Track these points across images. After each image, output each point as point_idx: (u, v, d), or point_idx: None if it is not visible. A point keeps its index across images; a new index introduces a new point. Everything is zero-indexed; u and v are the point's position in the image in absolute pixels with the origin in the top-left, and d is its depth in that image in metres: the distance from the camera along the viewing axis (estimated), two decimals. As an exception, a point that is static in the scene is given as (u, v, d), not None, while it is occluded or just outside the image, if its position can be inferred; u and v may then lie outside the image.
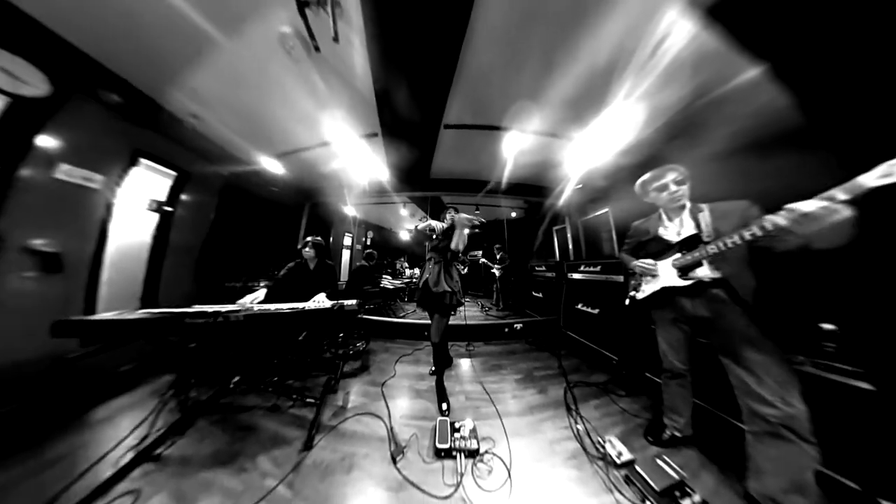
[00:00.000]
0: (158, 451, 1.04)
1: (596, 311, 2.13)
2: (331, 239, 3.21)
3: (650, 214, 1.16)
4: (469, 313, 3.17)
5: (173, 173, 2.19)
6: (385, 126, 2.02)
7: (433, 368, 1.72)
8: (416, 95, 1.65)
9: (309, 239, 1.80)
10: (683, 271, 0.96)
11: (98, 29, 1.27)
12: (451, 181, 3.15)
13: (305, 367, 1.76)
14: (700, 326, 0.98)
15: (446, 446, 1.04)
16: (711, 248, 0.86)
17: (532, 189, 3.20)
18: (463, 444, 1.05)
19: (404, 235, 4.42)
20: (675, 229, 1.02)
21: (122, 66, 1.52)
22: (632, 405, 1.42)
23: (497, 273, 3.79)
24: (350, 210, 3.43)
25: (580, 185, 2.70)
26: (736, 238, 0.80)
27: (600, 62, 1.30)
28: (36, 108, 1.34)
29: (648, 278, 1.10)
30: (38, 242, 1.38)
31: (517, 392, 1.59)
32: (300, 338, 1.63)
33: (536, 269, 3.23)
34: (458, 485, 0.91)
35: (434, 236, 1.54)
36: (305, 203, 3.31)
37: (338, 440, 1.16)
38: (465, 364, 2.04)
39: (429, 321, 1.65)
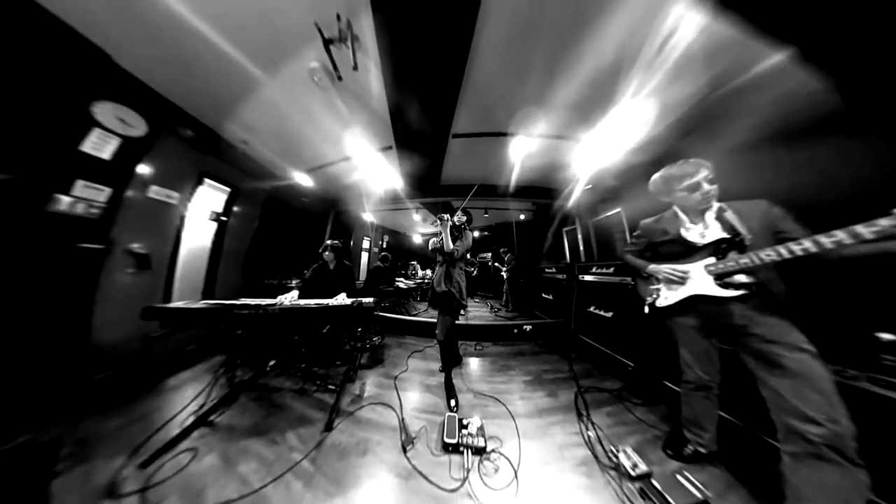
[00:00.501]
0: (211, 418, 1.20)
1: (609, 314, 1.98)
2: (351, 242, 3.45)
3: (662, 213, 1.05)
4: (478, 313, 3.14)
5: (228, 189, 2.55)
6: (398, 139, 2.13)
7: (440, 367, 1.72)
8: (425, 110, 1.74)
9: (328, 242, 1.94)
10: (722, 279, 0.84)
11: (178, 79, 1.58)
12: (461, 186, 3.19)
13: (328, 357, 1.88)
14: (730, 335, 0.86)
15: (454, 441, 1.03)
16: (766, 256, 0.72)
17: (540, 191, 3.11)
18: (470, 440, 1.04)
19: (417, 239, 4.56)
20: (697, 231, 0.91)
21: (194, 107, 1.85)
22: (648, 415, 1.29)
23: (505, 275, 3.70)
24: (368, 216, 3.65)
25: (590, 186, 2.56)
26: (799, 248, 0.65)
27: (605, 63, 1.26)
28: (137, 145, 1.69)
29: (674, 285, 0.97)
30: (135, 246, 1.72)
31: (525, 394, 1.52)
32: (324, 330, 1.76)
33: (546, 270, 3.09)
34: (464, 480, 0.90)
35: (432, 250, 1.62)
36: (330, 211, 3.59)
37: (354, 425, 1.21)
38: (473, 363, 2.01)
39: (434, 320, 1.68)
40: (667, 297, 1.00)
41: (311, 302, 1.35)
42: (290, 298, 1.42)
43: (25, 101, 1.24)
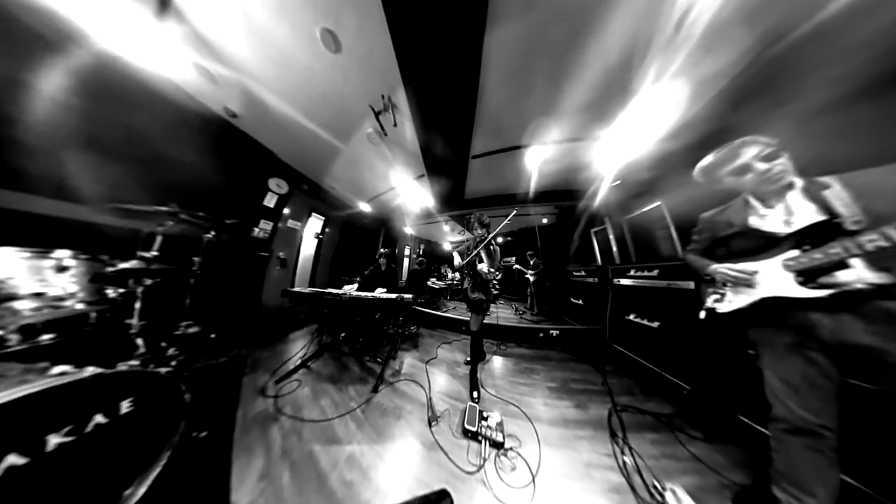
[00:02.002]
0: (309, 364, 1.63)
1: (655, 324, 1.50)
2: (396, 250, 4.10)
3: (730, 202, 0.76)
4: (502, 315, 2.93)
5: (323, 218, 3.55)
6: (428, 169, 2.45)
7: (468, 359, 1.65)
8: (447, 143, 1.98)
9: (381, 251, 2.38)
10: (808, 276, 0.58)
11: (300, 156, 2.42)
12: (483, 199, 3.23)
13: (378, 337, 2.19)
14: (853, 359, 0.56)
15: (473, 429, 1.00)
16: (873, 240, 0.49)
17: (562, 194, 2.76)
18: (489, 433, 0.98)
19: (447, 246, 4.83)
20: (778, 217, 0.65)
21: (307, 170, 2.77)
22: (711, 454, 0.90)
23: (531, 278, 3.33)
24: (408, 230, 4.23)
25: (618, 182, 2.09)
26: None
27: (612, 62, 1.12)
28: (283, 198, 2.70)
29: (741, 287, 0.70)
30: (280, 254, 2.73)
31: (550, 400, 1.32)
32: (376, 316, 2.09)
33: (574, 274, 2.61)
34: (479, 467, 0.86)
35: (461, 269, 1.52)
36: (381, 227, 4.35)
37: (393, 393, 1.34)
38: (497, 361, 1.89)
39: (465, 318, 1.73)
40: (731, 300, 0.72)
41: (368, 294, 1.68)
42: (350, 290, 1.80)
43: (242, 182, 2.25)
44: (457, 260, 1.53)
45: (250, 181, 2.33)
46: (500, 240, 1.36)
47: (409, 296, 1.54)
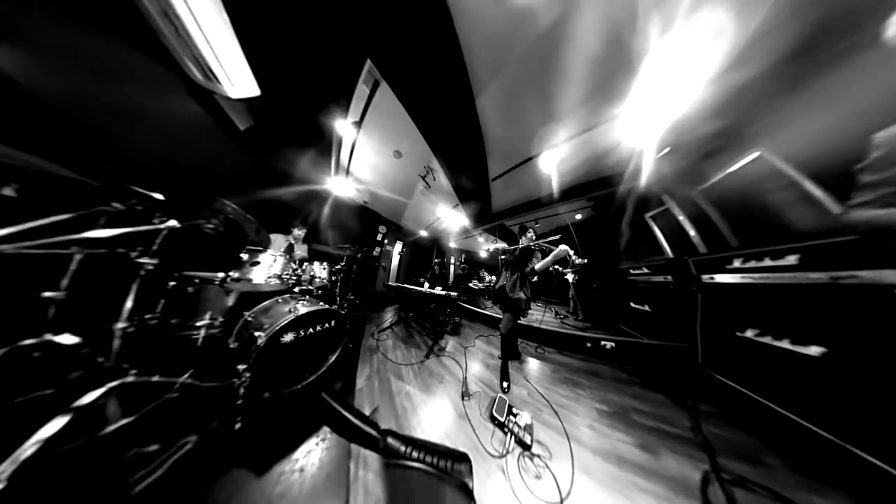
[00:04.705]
0: (392, 327, 2.24)
1: (813, 350, 0.65)
2: (444, 260, 4.93)
3: None
4: (540, 317, 2.36)
5: (402, 243, 4.83)
6: (461, 199, 2.86)
7: (500, 355, 1.46)
8: (470, 178, 2.34)
9: (436, 261, 3.02)
10: None
11: (390, 210, 3.60)
12: (508, 210, 3.12)
13: (432, 321, 2.54)
14: None
15: (501, 419, 0.89)
16: None
17: (592, 185, 2.05)
18: (516, 429, 0.84)
19: (483, 254, 5.01)
20: None
21: (393, 217, 3.97)
22: None
23: (571, 279, 2.46)
24: (452, 244, 4.91)
25: (666, 150, 1.28)
26: None
27: (595, 50, 0.93)
28: (384, 234, 4.03)
29: None
30: (383, 264, 3.96)
31: (598, 425, 0.93)
32: (432, 306, 2.48)
33: (632, 272, 1.69)
34: (501, 455, 0.76)
35: (503, 255, 1.42)
36: (434, 244, 5.29)
37: (437, 364, 1.45)
38: (533, 364, 1.57)
39: (499, 315, 1.70)
40: None
41: (428, 290, 2.13)
42: (424, 286, 2.37)
43: (369, 229, 3.67)
44: (500, 245, 1.43)
45: (372, 228, 3.84)
46: (532, 241, 1.25)
47: (455, 293, 1.82)
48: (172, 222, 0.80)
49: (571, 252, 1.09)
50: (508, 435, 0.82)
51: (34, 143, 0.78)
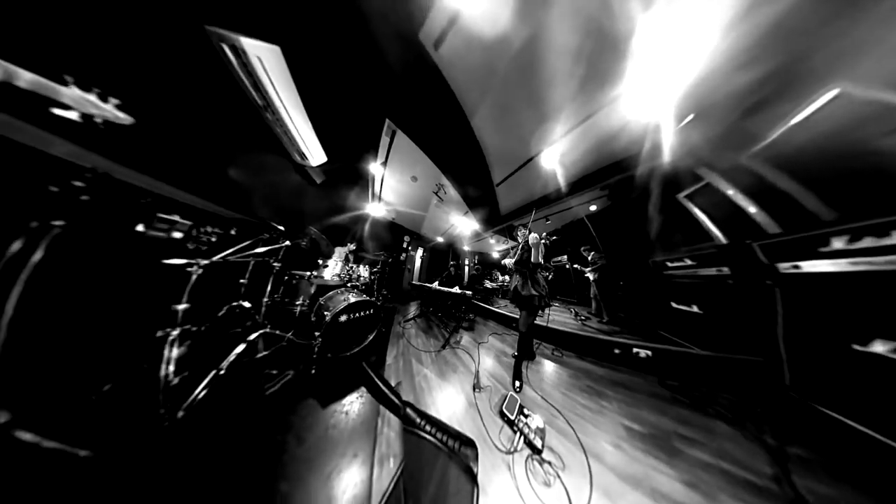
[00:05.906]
0: (415, 318, 2.55)
1: None
2: (459, 261, 5.14)
3: None
4: (559, 318, 2.11)
5: (423, 248, 5.34)
6: (470, 206, 3.07)
7: (514, 353, 1.41)
8: (476, 187, 2.54)
9: (451, 263, 3.25)
10: None
11: (414, 223, 4.14)
12: (516, 210, 3.05)
13: (449, 316, 2.74)
14: None
15: (511, 416, 0.86)
16: None
17: (604, 172, 1.77)
18: (526, 430, 0.80)
19: (495, 255, 5.21)
20: None
21: (415, 228, 4.55)
22: None
23: (591, 277, 2.08)
24: (466, 247, 5.17)
25: (691, 117, 0.98)
26: None
27: (575, 43, 0.92)
28: (409, 243, 4.52)
29: None
30: (408, 266, 4.58)
31: (626, 446, 0.79)
32: (449, 302, 2.75)
33: (670, 265, 1.29)
34: (508, 452, 0.75)
35: (513, 262, 1.39)
36: (450, 248, 5.61)
37: (452, 355, 1.58)
38: (549, 366, 1.46)
39: (515, 315, 1.74)
40: None
41: (445, 288, 2.40)
42: (435, 285, 2.65)
43: (397, 240, 4.23)
44: (507, 261, 1.43)
45: (399, 238, 4.40)
46: (543, 239, 1.20)
47: (470, 292, 2.04)
48: (287, 242, 1.41)
49: (537, 236, 1.09)
50: (517, 433, 0.80)
51: (233, 204, 1.55)
